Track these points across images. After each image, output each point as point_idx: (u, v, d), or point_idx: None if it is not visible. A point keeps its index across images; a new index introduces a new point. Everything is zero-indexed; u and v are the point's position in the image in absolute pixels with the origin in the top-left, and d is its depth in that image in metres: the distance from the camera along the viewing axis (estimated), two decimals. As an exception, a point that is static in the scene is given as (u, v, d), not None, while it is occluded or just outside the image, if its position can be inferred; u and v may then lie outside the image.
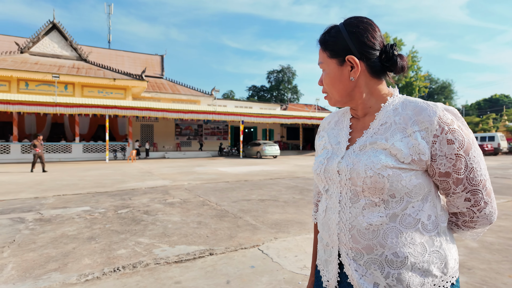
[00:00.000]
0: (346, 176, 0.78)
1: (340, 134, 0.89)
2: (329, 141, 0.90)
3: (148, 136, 25.13)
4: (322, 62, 0.84)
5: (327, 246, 0.86)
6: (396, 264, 0.72)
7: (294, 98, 59.15)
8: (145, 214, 4.73)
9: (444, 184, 0.77)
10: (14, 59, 21.22)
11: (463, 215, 0.80)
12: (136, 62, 31.31)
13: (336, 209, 0.80)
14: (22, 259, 2.94)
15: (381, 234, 0.74)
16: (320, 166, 0.86)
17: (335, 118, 0.96)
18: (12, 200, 5.91)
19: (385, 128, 0.78)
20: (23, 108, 16.29)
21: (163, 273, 2.61)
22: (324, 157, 0.87)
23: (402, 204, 0.74)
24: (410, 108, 0.77)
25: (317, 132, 1.01)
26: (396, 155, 0.74)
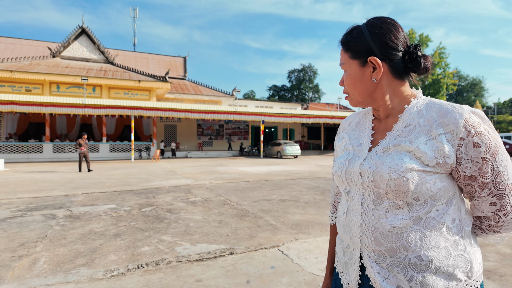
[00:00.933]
0: (369, 178, 0.77)
1: (362, 135, 0.88)
2: (350, 142, 0.89)
3: (172, 136, 25.75)
4: (344, 63, 0.84)
5: (347, 248, 0.85)
6: (420, 267, 0.72)
7: (315, 97, 58.46)
8: (168, 212, 4.84)
9: (469, 188, 0.76)
10: (47, 63, 22.42)
11: (488, 219, 0.78)
12: (160, 64, 32.18)
13: (358, 211, 0.79)
14: (53, 253, 3.10)
15: (405, 237, 0.73)
16: (341, 168, 0.85)
17: (356, 119, 0.95)
18: (45, 197, 6.25)
19: (409, 130, 0.77)
20: (54, 109, 17.19)
21: (185, 271, 2.66)
22: (345, 158, 0.86)
23: (426, 207, 0.73)
24: (435, 110, 0.76)
25: (337, 133, 1.00)
26: (420, 158, 0.73)
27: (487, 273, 2.57)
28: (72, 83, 21.04)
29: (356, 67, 0.80)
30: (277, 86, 61.58)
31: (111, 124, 22.93)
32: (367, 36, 0.78)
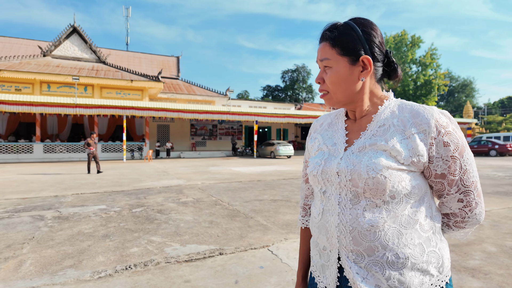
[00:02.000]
0: (347, 177, 0.76)
1: (336, 135, 0.88)
2: (324, 143, 0.89)
3: (165, 136, 25.58)
4: (329, 58, 0.80)
5: (323, 250, 0.83)
6: (397, 265, 0.72)
7: (309, 98, 58.67)
8: (159, 213, 4.82)
9: (439, 186, 0.79)
10: (38, 63, 22.09)
11: (455, 216, 0.82)
12: (153, 64, 31.94)
13: (335, 211, 0.78)
14: (40, 255, 3.06)
15: (383, 235, 0.73)
16: (317, 167, 0.84)
17: (328, 120, 0.95)
18: (34, 198, 6.16)
19: (383, 130, 0.78)
20: (45, 109, 16.93)
21: (173, 272, 2.65)
22: (320, 158, 0.85)
23: (402, 205, 0.75)
24: (407, 110, 0.79)
25: (309, 134, 1.00)
26: (396, 157, 0.74)
27: (472, 271, 2.62)
28: (63, 83, 20.77)
29: (345, 65, 0.78)
30: (271, 86, 61.65)
31: (103, 124, 22.67)
32: (359, 35, 0.77)
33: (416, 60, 36.11)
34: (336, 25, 0.81)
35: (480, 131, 33.64)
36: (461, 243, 3.30)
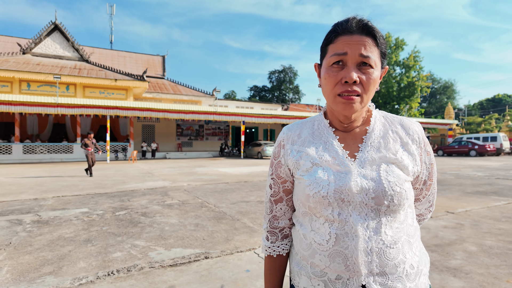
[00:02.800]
0: (369, 195, 0.70)
1: (330, 148, 0.78)
2: (318, 157, 0.77)
3: (150, 136, 25.17)
4: (374, 57, 0.71)
5: (337, 280, 0.72)
6: (412, 276, 0.73)
7: (295, 98, 59.07)
8: (143, 216, 4.72)
9: (418, 191, 0.84)
10: (17, 60, 21.32)
11: (421, 216, 0.90)
12: (138, 63, 31.38)
13: (358, 234, 0.70)
14: (17, 262, 2.94)
15: (401, 250, 0.71)
16: (325, 187, 0.72)
17: (306, 130, 0.84)
18: (11, 201, 5.92)
19: (385, 142, 0.77)
20: (25, 109, 16.36)
21: (158, 277, 2.59)
22: (324, 175, 0.74)
23: (408, 215, 0.77)
24: (396, 122, 0.81)
25: (280, 145, 0.85)
26: (403, 169, 0.75)
27: (454, 271, 2.68)
28: (44, 81, 20.13)
29: (379, 69, 0.74)
30: (258, 86, 61.72)
31: (86, 124, 22.11)
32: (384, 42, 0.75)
33: (400, 62, 36.94)
34: (371, 23, 0.73)
35: (460, 132, 34.75)
36: (443, 243, 3.37)
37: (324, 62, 0.75)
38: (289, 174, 0.83)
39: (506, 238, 3.55)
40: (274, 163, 0.86)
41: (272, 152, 0.89)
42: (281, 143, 0.85)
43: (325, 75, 0.73)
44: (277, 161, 0.85)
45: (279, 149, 0.85)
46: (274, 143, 11.22)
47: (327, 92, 0.74)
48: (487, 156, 22.56)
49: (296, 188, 0.82)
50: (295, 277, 0.82)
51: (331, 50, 0.72)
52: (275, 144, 0.88)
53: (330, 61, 0.72)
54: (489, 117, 44.41)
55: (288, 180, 0.84)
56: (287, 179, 0.84)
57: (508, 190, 6.95)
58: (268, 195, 0.88)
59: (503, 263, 2.82)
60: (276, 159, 0.85)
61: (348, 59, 0.70)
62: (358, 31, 0.71)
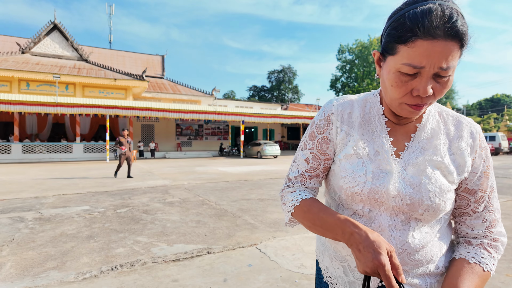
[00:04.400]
0: (404, 201, 0.67)
1: (377, 140, 0.72)
2: (362, 147, 0.72)
3: (149, 136, 25.16)
4: (455, 64, 0.59)
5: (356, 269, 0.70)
6: (436, 274, 0.72)
7: (294, 98, 59.14)
8: (144, 213, 4.74)
9: (464, 202, 0.73)
10: (16, 60, 21.29)
11: (478, 239, 0.74)
12: (137, 63, 31.36)
13: (386, 234, 0.68)
14: (21, 257, 2.96)
15: (429, 252, 0.70)
16: (361, 184, 0.69)
17: (357, 110, 0.75)
18: (13, 199, 5.93)
19: (434, 144, 0.70)
20: (24, 108, 16.33)
21: (161, 272, 2.62)
22: (362, 171, 0.70)
23: (446, 221, 0.74)
24: (451, 122, 0.73)
25: (327, 119, 0.76)
26: (447, 176, 0.69)
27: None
28: (44, 81, 20.10)
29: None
30: (257, 86, 61.75)
31: (85, 123, 22.10)
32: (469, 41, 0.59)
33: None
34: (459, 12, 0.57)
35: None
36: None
37: (391, 62, 0.61)
38: (334, 152, 0.77)
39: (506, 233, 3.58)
40: (317, 137, 0.77)
41: (313, 122, 0.79)
42: (330, 117, 0.76)
43: (393, 82, 0.61)
44: (323, 136, 0.76)
45: (326, 123, 0.76)
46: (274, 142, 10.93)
47: (392, 96, 0.64)
48: (486, 155, 22.61)
49: (332, 170, 0.77)
50: (319, 254, 0.85)
51: (403, 54, 0.58)
52: (318, 114, 0.78)
53: (401, 69, 0.59)
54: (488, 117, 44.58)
55: (332, 158, 0.77)
56: (331, 156, 0.77)
57: (507, 188, 7.00)
58: (300, 168, 0.79)
59: (502, 257, 2.85)
60: (320, 133, 0.76)
61: (424, 72, 0.57)
62: (444, 35, 0.55)
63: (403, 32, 0.57)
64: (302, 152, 0.79)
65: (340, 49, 45.69)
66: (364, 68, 43.37)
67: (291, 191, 0.78)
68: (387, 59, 0.62)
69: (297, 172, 0.79)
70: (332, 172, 0.77)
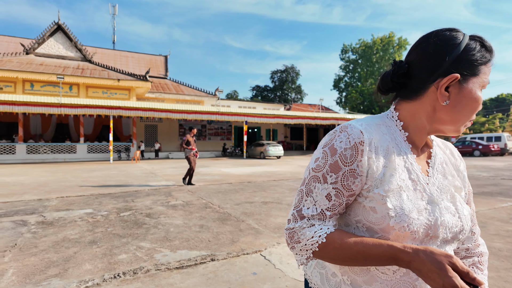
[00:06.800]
0: (451, 230, 0.67)
1: (410, 168, 0.69)
2: (401, 178, 0.67)
3: (152, 136, 25.20)
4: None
5: None
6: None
7: (298, 98, 59.00)
8: (148, 217, 4.71)
9: None
10: (20, 60, 21.40)
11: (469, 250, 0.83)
12: (140, 63, 31.42)
13: None
14: (23, 264, 2.93)
15: None
16: (416, 222, 0.63)
17: (387, 137, 0.71)
18: (15, 202, 5.93)
19: (445, 168, 0.75)
20: (28, 109, 16.41)
21: (164, 280, 2.57)
22: (413, 207, 0.65)
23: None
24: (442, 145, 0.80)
25: (355, 149, 0.66)
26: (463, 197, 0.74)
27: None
28: (47, 81, 20.19)
29: None
30: (260, 86, 61.69)
31: (89, 124, 22.17)
32: None
33: (402, 62, 36.87)
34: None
35: (464, 131, 34.53)
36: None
37: (476, 80, 0.66)
38: (361, 187, 0.68)
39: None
40: (342, 169, 0.66)
41: (335, 151, 0.67)
42: (358, 146, 0.66)
43: (479, 99, 0.66)
44: (350, 169, 0.66)
45: (354, 152, 0.66)
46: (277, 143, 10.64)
47: (469, 114, 0.67)
48: (491, 156, 22.43)
49: (365, 207, 0.68)
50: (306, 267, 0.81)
51: (485, 72, 0.67)
52: (340, 141, 0.67)
53: (485, 85, 0.67)
54: (493, 116, 44.17)
55: (356, 194, 0.69)
56: (356, 192, 0.68)
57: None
58: (319, 206, 0.68)
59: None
60: (347, 165, 0.66)
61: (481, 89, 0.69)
62: (491, 59, 0.69)
63: (485, 54, 0.66)
64: (321, 185, 0.67)
65: (343, 49, 45.53)
66: (367, 68, 43.16)
67: (309, 226, 0.67)
68: (469, 80, 0.65)
69: (315, 210, 0.67)
70: (365, 210, 0.67)
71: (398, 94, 0.73)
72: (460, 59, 0.65)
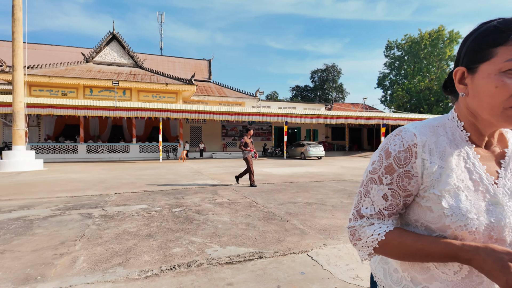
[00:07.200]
0: None
1: (471, 169, 0.68)
2: (460, 179, 0.67)
3: (197, 137, 26.29)
4: None
5: None
6: None
7: (339, 97, 57.38)
8: (197, 213, 4.94)
9: None
10: (81, 68, 23.64)
11: None
12: (186, 67, 32.98)
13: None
14: (91, 252, 3.26)
15: None
16: (474, 222, 0.63)
17: (442, 137, 0.71)
18: (81, 196, 6.58)
19: None
20: (88, 112, 18.12)
21: (216, 274, 2.70)
22: (471, 207, 0.65)
23: None
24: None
25: (409, 151, 0.69)
26: None
27: None
28: (104, 87, 22.06)
29: None
30: (299, 86, 61.12)
31: (140, 125, 23.80)
32: None
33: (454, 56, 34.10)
34: None
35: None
36: None
37: (488, 66, 0.62)
38: (418, 188, 0.70)
39: None
40: (397, 171, 0.69)
41: (389, 154, 0.71)
42: (411, 148, 0.69)
43: (498, 83, 0.61)
44: (404, 170, 0.69)
45: (408, 155, 0.69)
46: (318, 143, 10.48)
47: (495, 103, 0.62)
48: None
49: (422, 206, 0.70)
50: (375, 268, 0.82)
51: (503, 53, 0.60)
52: (394, 144, 0.71)
53: (504, 67, 0.60)
54: None
55: (414, 194, 0.71)
56: (414, 193, 0.71)
57: None
58: (377, 206, 0.72)
59: None
60: (401, 167, 0.69)
61: None
62: None
63: (498, 35, 0.61)
64: (377, 187, 0.71)
65: (388, 45, 43.30)
66: (414, 65, 40.57)
67: (368, 225, 0.72)
68: (479, 68, 0.64)
69: (373, 210, 0.72)
70: (422, 209, 0.70)
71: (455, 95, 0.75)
72: (469, 49, 0.66)
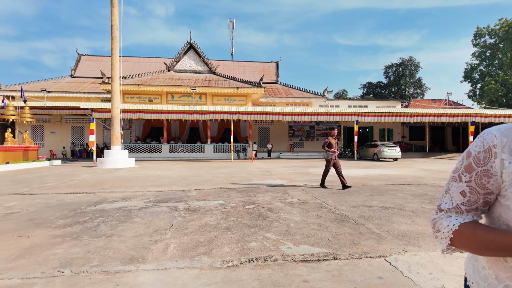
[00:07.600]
0: None
1: None
2: None
3: (265, 137, 26.99)
4: None
5: None
6: None
7: (417, 94, 52.22)
8: (269, 211, 5.15)
9: None
10: (164, 77, 26.38)
11: None
12: (254, 71, 34.16)
13: None
14: (179, 241, 3.69)
15: None
16: None
17: None
18: (167, 191, 7.41)
19: None
20: (170, 116, 20.28)
21: (291, 270, 2.82)
22: None
23: None
24: None
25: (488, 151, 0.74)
26: None
27: None
28: (183, 93, 24.25)
29: None
30: (371, 83, 57.47)
31: (214, 127, 25.55)
32: None
33: None
34: None
35: None
36: None
37: None
38: (499, 187, 0.74)
39: None
40: (475, 170, 0.75)
41: (469, 154, 0.77)
42: (491, 149, 0.73)
43: None
44: (483, 169, 0.74)
45: (487, 155, 0.74)
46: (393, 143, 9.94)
47: None
48: None
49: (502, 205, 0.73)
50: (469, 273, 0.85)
51: None
52: (475, 145, 0.77)
53: None
54: None
55: (495, 193, 0.75)
56: (494, 191, 0.75)
57: None
58: (455, 201, 0.79)
59: None
60: (480, 166, 0.74)
61: None
62: None
63: None
64: (457, 184, 0.78)
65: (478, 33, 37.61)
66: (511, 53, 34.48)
67: (446, 217, 0.79)
68: None
69: (451, 204, 0.79)
70: (502, 207, 0.73)
71: None
72: None
